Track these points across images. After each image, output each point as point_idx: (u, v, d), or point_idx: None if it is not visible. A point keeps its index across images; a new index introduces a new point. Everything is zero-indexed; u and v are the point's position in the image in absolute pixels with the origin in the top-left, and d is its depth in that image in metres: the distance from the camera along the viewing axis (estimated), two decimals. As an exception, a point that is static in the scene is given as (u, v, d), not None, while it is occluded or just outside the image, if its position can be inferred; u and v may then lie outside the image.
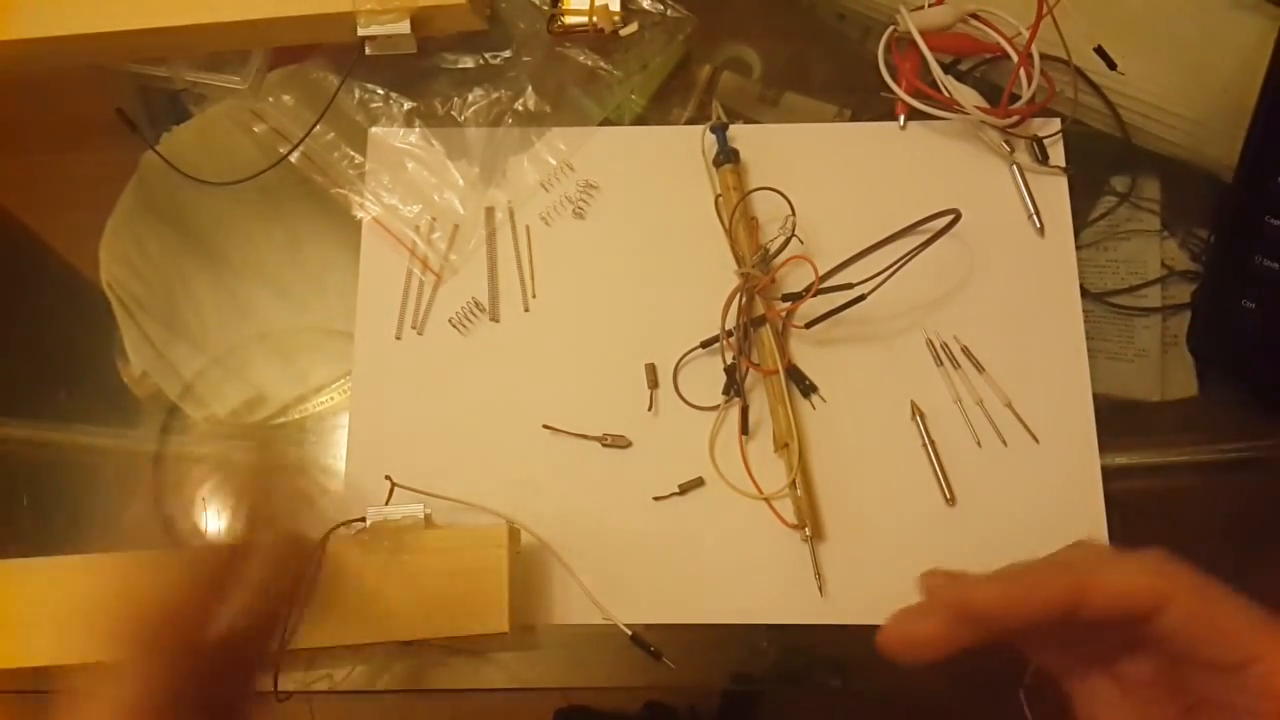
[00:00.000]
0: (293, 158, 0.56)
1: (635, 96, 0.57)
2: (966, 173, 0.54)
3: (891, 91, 0.54)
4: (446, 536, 0.46)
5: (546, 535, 0.49)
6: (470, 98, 0.57)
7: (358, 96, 0.57)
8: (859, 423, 0.50)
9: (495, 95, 0.57)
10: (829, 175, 0.54)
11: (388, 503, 0.48)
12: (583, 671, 0.49)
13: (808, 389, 0.51)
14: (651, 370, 0.52)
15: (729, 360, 0.51)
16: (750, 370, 0.50)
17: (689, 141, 0.55)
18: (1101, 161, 0.55)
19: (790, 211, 0.50)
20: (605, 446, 0.51)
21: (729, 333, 0.51)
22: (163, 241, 0.57)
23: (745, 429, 0.50)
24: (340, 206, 0.56)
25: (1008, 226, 0.53)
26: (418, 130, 0.56)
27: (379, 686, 0.48)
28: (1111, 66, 0.55)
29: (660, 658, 0.47)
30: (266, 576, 0.36)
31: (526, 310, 0.53)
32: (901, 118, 0.55)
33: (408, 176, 0.56)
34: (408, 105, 0.57)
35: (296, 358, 0.54)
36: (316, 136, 0.56)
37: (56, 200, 0.59)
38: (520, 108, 0.56)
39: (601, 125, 0.56)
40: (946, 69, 0.54)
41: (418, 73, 0.57)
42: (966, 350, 0.51)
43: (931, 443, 0.49)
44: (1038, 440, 0.49)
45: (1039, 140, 0.54)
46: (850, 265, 0.50)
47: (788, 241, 0.50)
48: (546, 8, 0.57)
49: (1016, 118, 0.53)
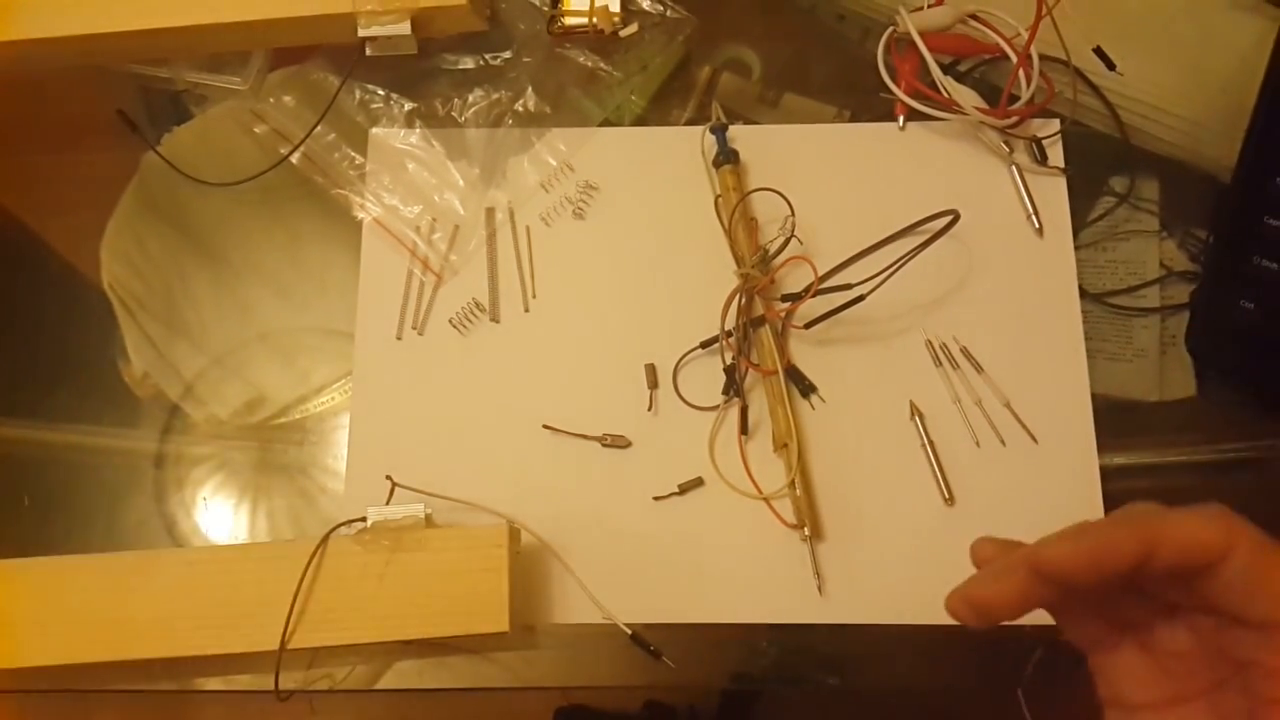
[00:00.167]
0: (293, 158, 0.56)
1: (635, 97, 0.57)
2: (965, 173, 0.54)
3: (891, 92, 0.54)
4: (447, 536, 0.47)
5: (546, 535, 0.49)
6: (470, 98, 0.57)
7: (358, 97, 0.57)
8: (858, 423, 0.50)
9: (495, 96, 0.57)
10: (828, 176, 0.54)
11: (388, 503, 0.48)
12: (583, 671, 0.49)
13: (807, 389, 0.51)
14: (651, 370, 0.52)
15: (728, 360, 0.51)
16: (750, 370, 0.51)
17: (689, 142, 0.55)
18: (1100, 162, 0.55)
19: (790, 212, 0.51)
20: (605, 446, 0.51)
21: (728, 333, 0.51)
22: (164, 242, 0.57)
23: (745, 429, 0.50)
24: (341, 207, 0.56)
25: (1007, 227, 0.53)
26: (418, 131, 0.57)
27: (379, 686, 0.48)
28: (1110, 67, 0.55)
29: (660, 657, 0.47)
30: None
31: (526, 311, 0.53)
32: (901, 118, 0.55)
33: (408, 177, 0.56)
34: (408, 106, 0.57)
35: (297, 358, 0.54)
36: (317, 137, 0.56)
37: (57, 201, 0.59)
38: (520, 108, 0.56)
39: (601, 126, 0.56)
40: (946, 70, 0.54)
41: (418, 73, 0.57)
42: (965, 350, 0.51)
43: (930, 443, 0.50)
44: (1036, 440, 0.50)
45: (1038, 141, 0.54)
46: (849, 266, 0.50)
47: (787, 242, 0.50)
48: (546, 9, 0.57)
49: (1015, 118, 0.53)
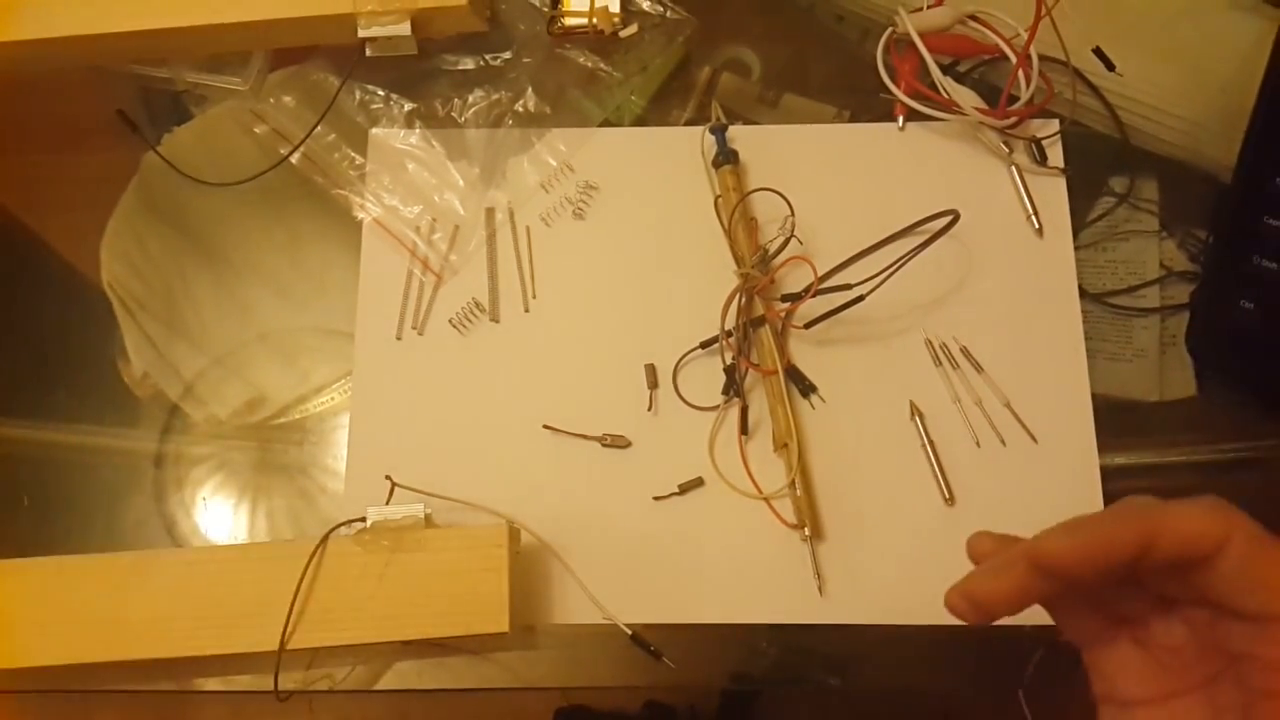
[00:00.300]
0: (293, 159, 0.56)
1: (635, 98, 0.57)
2: (965, 174, 0.54)
3: (890, 93, 0.54)
4: (446, 536, 0.47)
5: (546, 535, 0.49)
6: (470, 99, 0.57)
7: (358, 97, 0.57)
8: (858, 423, 0.50)
9: (495, 96, 0.57)
10: (828, 176, 0.54)
11: (388, 503, 0.48)
12: (583, 671, 0.49)
13: (807, 389, 0.51)
14: (651, 370, 0.52)
15: (728, 360, 0.51)
16: (750, 370, 0.51)
17: (688, 142, 0.55)
18: (1100, 162, 0.55)
19: (789, 212, 0.51)
20: (605, 446, 0.51)
21: (728, 333, 0.51)
22: (164, 242, 0.57)
23: (745, 429, 0.50)
24: (341, 207, 0.56)
25: (1006, 227, 0.53)
26: (418, 131, 0.57)
27: (379, 686, 0.48)
28: (1110, 68, 0.55)
29: (660, 657, 0.47)
30: None
31: (526, 311, 0.53)
32: (900, 119, 0.55)
33: (408, 177, 0.56)
34: (408, 106, 0.57)
35: (297, 358, 0.54)
36: (317, 137, 0.56)
37: (57, 201, 0.59)
38: (520, 109, 0.56)
39: (601, 126, 0.56)
40: (945, 70, 0.54)
41: (418, 74, 0.57)
42: (965, 350, 0.51)
43: (930, 443, 0.50)
44: (1036, 440, 0.50)
45: (1037, 141, 0.54)
46: (849, 266, 0.50)
47: (787, 242, 0.50)
48: (546, 9, 0.57)
49: (1015, 119, 0.53)
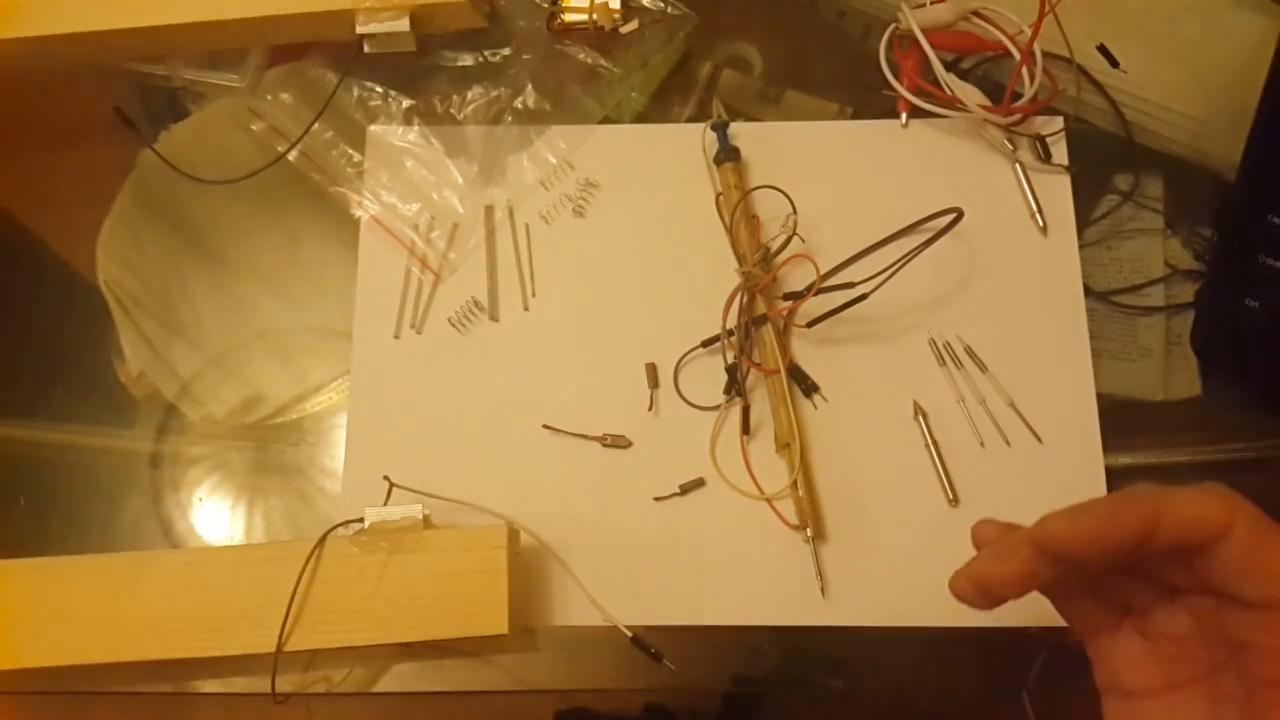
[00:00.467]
0: (291, 156, 0.56)
1: (635, 94, 0.56)
2: (969, 171, 0.54)
3: (893, 89, 0.54)
4: (445, 537, 0.46)
5: (546, 536, 0.49)
6: (469, 95, 0.56)
7: (356, 94, 0.57)
8: (861, 423, 0.50)
9: (495, 93, 0.56)
10: (830, 173, 0.54)
11: (386, 503, 0.47)
12: (583, 673, 0.48)
13: (809, 389, 0.50)
14: (652, 370, 0.51)
15: (730, 360, 0.51)
16: (751, 370, 0.50)
17: (690, 139, 0.55)
18: (1104, 160, 0.54)
19: (791, 210, 0.50)
20: (605, 446, 0.50)
21: (730, 332, 0.50)
22: (160, 240, 0.56)
23: (746, 429, 0.50)
24: (339, 205, 0.55)
25: (1010, 225, 0.53)
26: (416, 128, 0.56)
27: (377, 688, 0.48)
28: (1114, 65, 0.55)
29: (661, 659, 0.47)
30: None
31: (526, 309, 0.53)
32: (903, 116, 0.55)
33: (406, 175, 0.55)
34: (406, 103, 0.57)
35: (294, 357, 0.54)
36: (315, 134, 0.56)
37: (53, 199, 0.59)
38: (520, 106, 0.56)
39: (602, 123, 0.56)
40: (948, 67, 0.54)
41: (417, 70, 0.57)
42: (969, 349, 0.51)
43: (934, 443, 0.49)
44: (1041, 440, 0.49)
45: (1042, 139, 0.53)
46: (852, 264, 0.50)
47: (789, 240, 0.50)
48: (546, 5, 0.57)
49: (1019, 116, 0.53)
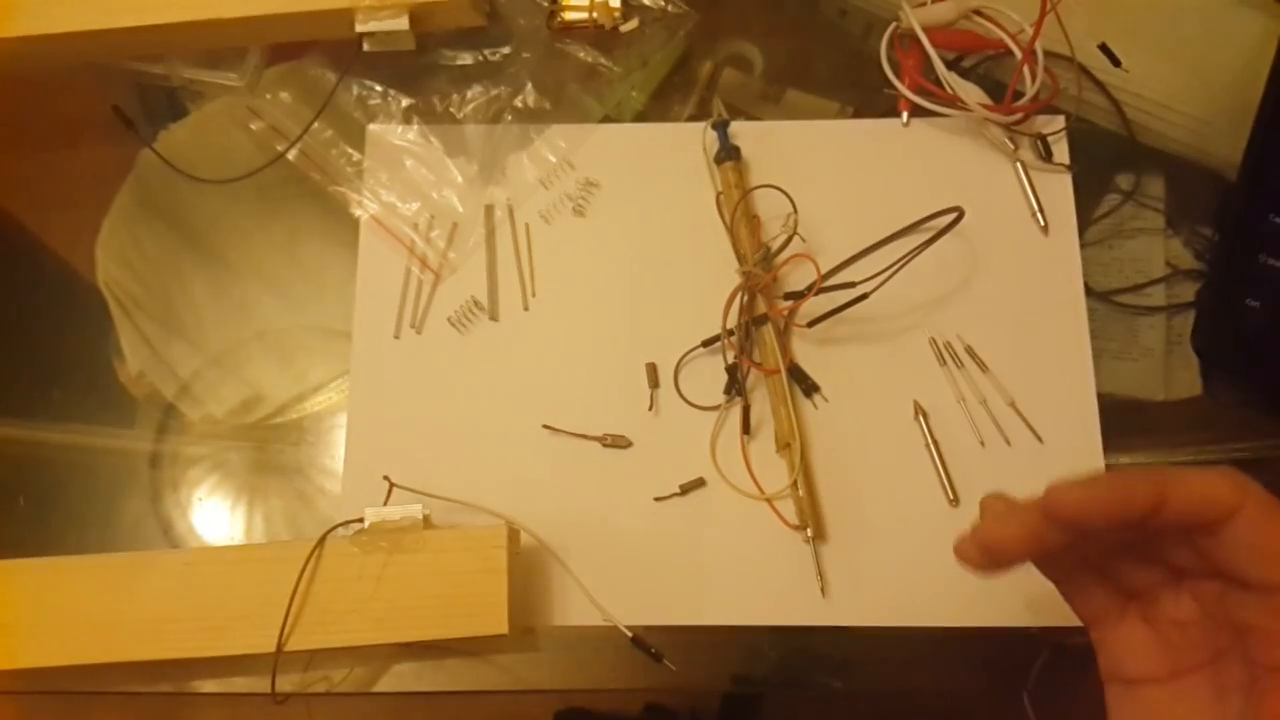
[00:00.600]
0: (290, 155, 0.56)
1: (636, 93, 0.56)
2: (970, 170, 0.54)
3: (894, 88, 0.54)
4: (445, 537, 0.46)
5: (546, 535, 0.49)
6: (469, 94, 0.56)
7: (356, 93, 0.57)
8: (861, 422, 0.50)
9: (494, 92, 0.56)
10: (831, 173, 0.54)
11: (386, 503, 0.47)
12: (582, 673, 0.48)
13: (810, 388, 0.50)
14: (652, 370, 0.51)
15: (730, 359, 0.51)
16: (752, 369, 0.50)
17: (690, 138, 0.55)
18: (1106, 159, 0.54)
19: (792, 209, 0.50)
20: (605, 446, 0.50)
21: (730, 332, 0.50)
22: (160, 240, 0.56)
23: (747, 429, 0.49)
24: (338, 204, 0.55)
25: (1011, 224, 0.53)
26: (416, 127, 0.56)
27: (377, 688, 0.48)
28: (1116, 64, 0.54)
29: (661, 659, 0.47)
30: None
31: (526, 309, 0.53)
32: (904, 115, 0.55)
33: (406, 174, 0.55)
34: (406, 102, 0.56)
35: (294, 357, 0.54)
36: (314, 134, 0.56)
37: (53, 199, 0.59)
38: (520, 104, 0.56)
39: (602, 122, 0.56)
40: (950, 66, 0.53)
41: (416, 69, 0.57)
42: (970, 349, 0.51)
43: (934, 442, 0.49)
44: (1042, 440, 0.49)
45: (1043, 138, 0.53)
46: (852, 264, 0.50)
47: (789, 239, 0.49)
48: (546, 3, 0.57)
49: (1020, 115, 0.53)
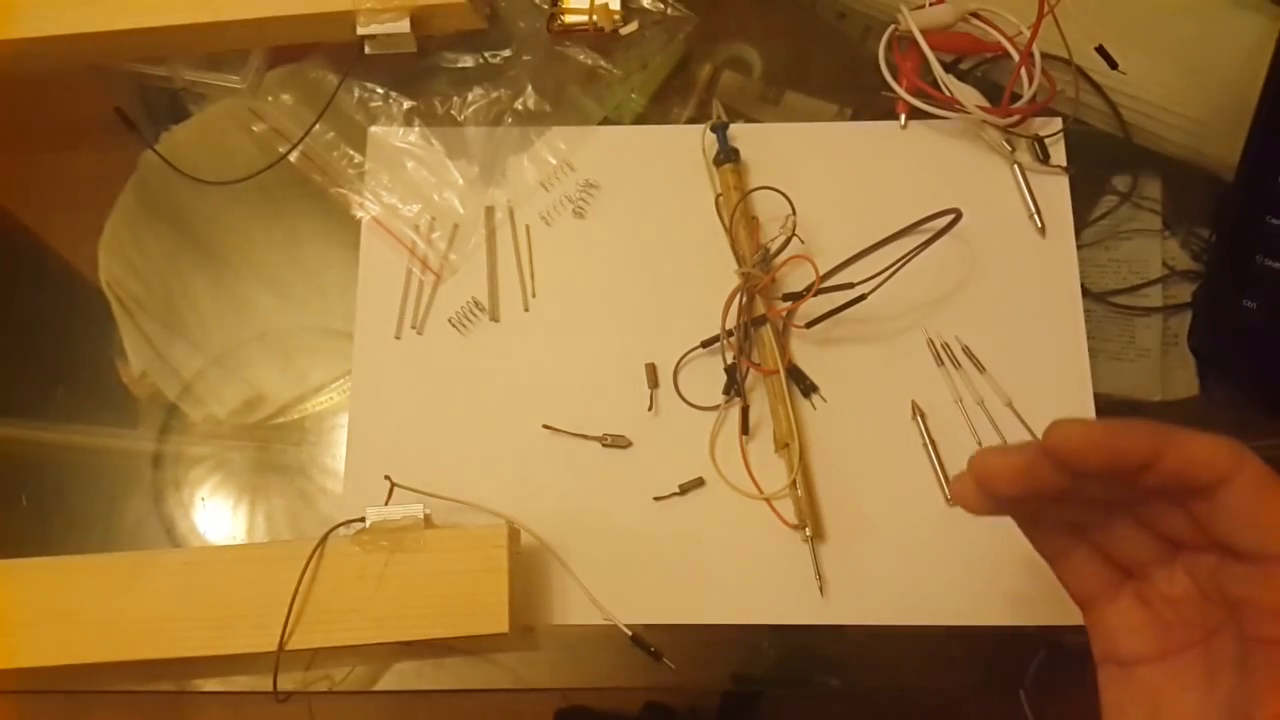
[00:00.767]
0: (292, 157, 0.56)
1: (635, 95, 0.56)
2: (967, 172, 0.54)
3: (892, 90, 0.54)
4: (446, 537, 0.46)
5: (546, 535, 0.49)
6: (470, 97, 0.57)
7: (357, 95, 0.57)
8: (860, 423, 0.50)
9: (495, 94, 0.57)
10: (830, 174, 0.54)
11: (387, 503, 0.48)
12: (583, 672, 0.49)
13: (808, 389, 0.51)
14: (652, 370, 0.51)
15: (729, 360, 0.51)
16: (751, 370, 0.50)
17: (689, 141, 0.55)
18: (1103, 161, 0.54)
19: (791, 211, 0.50)
20: (605, 446, 0.51)
21: (729, 332, 0.50)
22: (162, 241, 0.57)
23: (746, 429, 0.50)
24: (340, 206, 0.56)
25: (1009, 226, 0.53)
26: (417, 129, 0.56)
27: (378, 687, 0.48)
28: (1113, 66, 0.55)
29: (660, 658, 0.47)
30: None
31: (526, 310, 0.53)
32: (902, 117, 0.55)
33: (407, 176, 0.56)
34: (407, 104, 0.57)
35: (296, 357, 0.54)
36: (316, 136, 0.56)
37: (55, 200, 0.59)
38: (520, 107, 0.56)
39: (602, 124, 0.56)
40: (947, 68, 0.54)
41: (417, 72, 0.57)
42: (967, 350, 0.51)
43: (932, 443, 0.49)
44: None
45: (1040, 139, 0.53)
46: (851, 265, 0.50)
47: (788, 241, 0.50)
48: (546, 6, 0.57)
49: (1018, 117, 0.53)
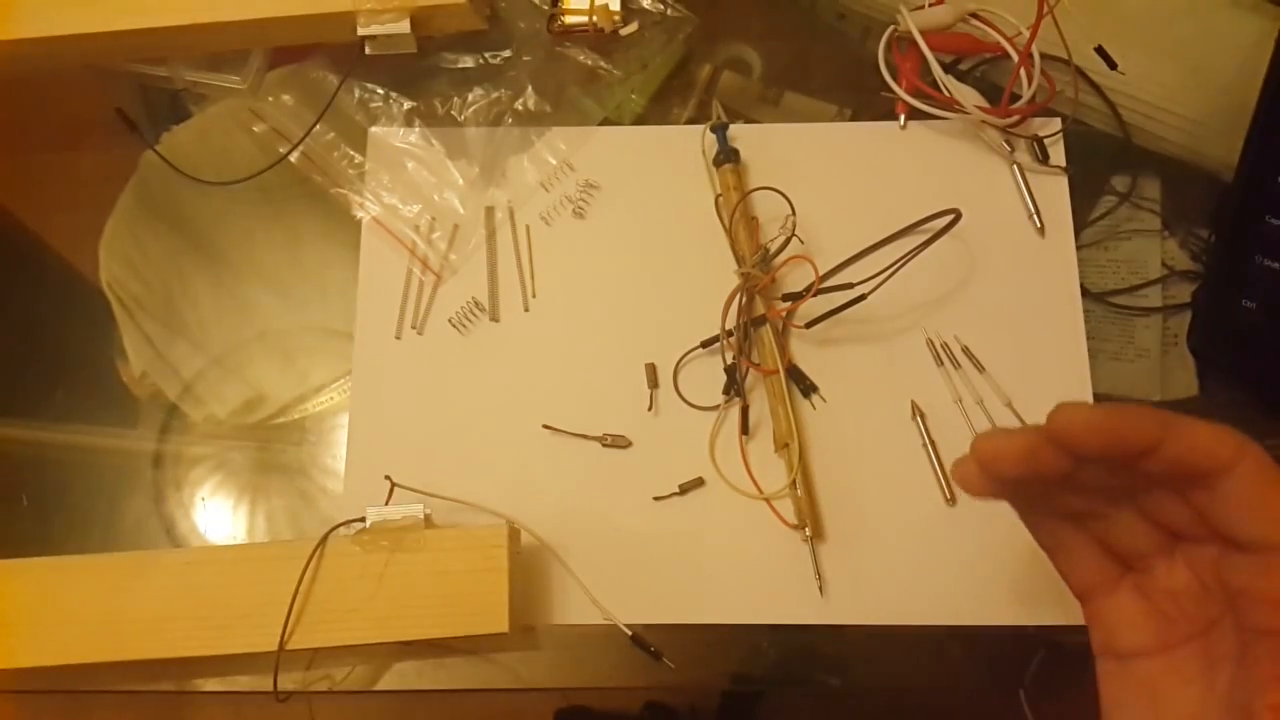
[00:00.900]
0: (292, 157, 0.56)
1: (635, 96, 0.56)
2: (967, 172, 0.54)
3: (892, 91, 0.54)
4: (446, 536, 0.46)
5: (546, 535, 0.49)
6: (470, 97, 0.57)
7: (357, 96, 0.57)
8: (859, 423, 0.50)
9: (495, 95, 0.57)
10: (829, 175, 0.54)
11: (387, 503, 0.48)
12: (583, 672, 0.49)
13: (808, 389, 0.51)
14: (651, 370, 0.52)
15: (729, 360, 0.51)
16: (750, 370, 0.50)
17: (689, 141, 0.55)
18: (1102, 161, 0.54)
19: (790, 211, 0.50)
20: (605, 446, 0.51)
21: (729, 332, 0.51)
22: (162, 241, 0.57)
23: (745, 429, 0.50)
24: (340, 206, 0.56)
25: (1008, 226, 0.53)
26: (417, 130, 0.56)
27: (379, 687, 0.48)
28: (1112, 66, 0.55)
29: (660, 658, 0.47)
30: None
31: (526, 310, 0.53)
32: (902, 117, 0.55)
33: (407, 176, 0.56)
34: (407, 105, 0.57)
35: (296, 358, 0.54)
36: (316, 136, 0.56)
37: (56, 200, 0.59)
38: (520, 107, 0.56)
39: (602, 125, 0.56)
40: (947, 69, 0.54)
41: (417, 72, 0.57)
42: (967, 350, 0.51)
43: (932, 443, 0.49)
44: (1038, 440, 0.49)
45: (1039, 140, 0.53)
46: (851, 265, 0.50)
47: (788, 241, 0.50)
48: (546, 7, 0.57)
49: (1017, 117, 0.53)
